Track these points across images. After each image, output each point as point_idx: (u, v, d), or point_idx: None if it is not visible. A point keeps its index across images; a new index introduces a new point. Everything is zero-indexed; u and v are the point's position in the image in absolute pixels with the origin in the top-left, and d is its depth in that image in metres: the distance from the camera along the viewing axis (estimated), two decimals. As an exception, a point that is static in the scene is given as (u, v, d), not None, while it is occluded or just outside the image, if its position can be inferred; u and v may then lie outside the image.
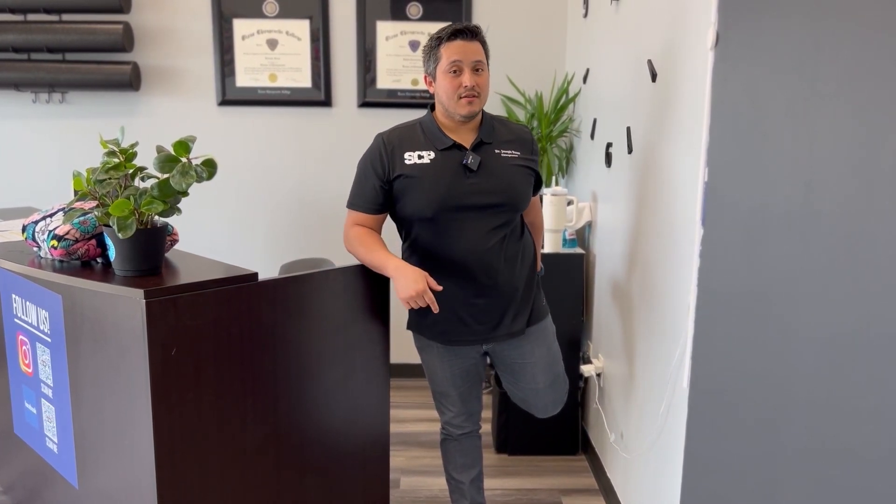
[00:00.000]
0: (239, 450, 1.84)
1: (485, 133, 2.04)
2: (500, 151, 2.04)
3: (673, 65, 2.06)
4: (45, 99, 3.63)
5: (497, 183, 2.00)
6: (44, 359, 2.09)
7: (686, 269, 1.94)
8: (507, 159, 2.04)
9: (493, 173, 2.00)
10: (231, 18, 3.56)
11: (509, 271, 2.07)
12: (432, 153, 2.00)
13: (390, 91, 3.65)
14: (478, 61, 1.95)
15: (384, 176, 2.01)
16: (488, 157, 2.02)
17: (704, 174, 1.73)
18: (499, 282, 2.05)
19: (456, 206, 1.98)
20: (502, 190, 2.00)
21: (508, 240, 2.06)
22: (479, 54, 1.96)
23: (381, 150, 2.01)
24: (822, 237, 1.22)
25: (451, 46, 1.94)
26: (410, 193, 1.99)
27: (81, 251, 1.89)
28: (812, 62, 1.25)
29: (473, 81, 1.94)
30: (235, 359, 1.80)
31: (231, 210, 3.76)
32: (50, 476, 2.21)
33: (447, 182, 1.97)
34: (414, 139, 2.03)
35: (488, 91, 2.01)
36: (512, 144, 2.07)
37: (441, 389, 2.23)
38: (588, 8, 3.19)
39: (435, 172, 1.98)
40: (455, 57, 1.93)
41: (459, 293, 2.04)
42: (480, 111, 2.03)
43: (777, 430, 1.37)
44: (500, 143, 2.05)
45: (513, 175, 2.03)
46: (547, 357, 2.21)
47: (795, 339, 1.31)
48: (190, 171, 1.68)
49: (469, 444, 2.31)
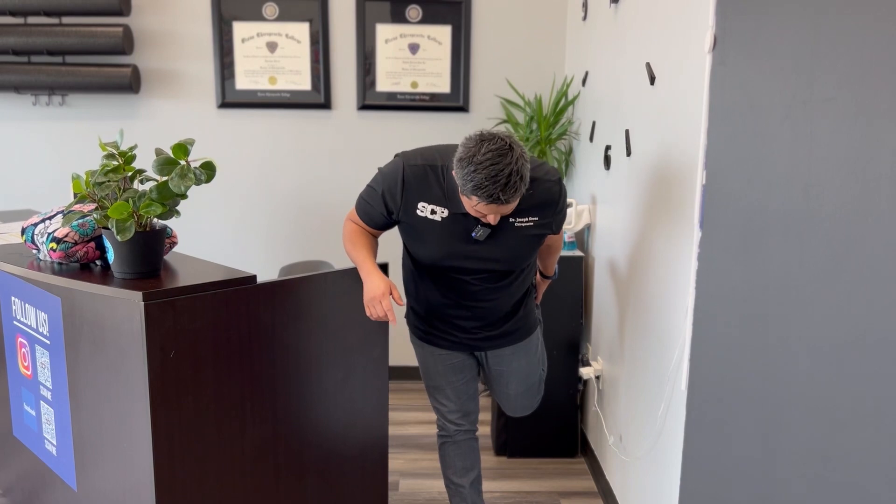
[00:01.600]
0: (237, 452, 1.84)
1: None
2: (515, 220, 1.92)
3: (671, 68, 2.07)
4: (45, 101, 3.63)
5: (499, 252, 1.95)
6: (43, 361, 2.09)
7: (684, 272, 1.94)
8: (519, 229, 1.94)
9: (498, 243, 1.94)
10: (231, 21, 3.57)
11: (497, 303, 2.10)
12: (445, 212, 1.91)
13: (390, 94, 3.65)
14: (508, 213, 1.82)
15: (392, 213, 1.96)
16: (499, 227, 1.92)
17: (703, 177, 1.73)
18: (484, 310, 2.10)
19: (452, 265, 1.98)
20: (503, 258, 1.97)
21: (500, 283, 2.06)
22: (511, 208, 1.79)
23: (399, 187, 1.91)
24: (821, 239, 1.22)
25: (483, 201, 1.73)
26: (413, 240, 1.99)
27: (80, 253, 1.89)
28: (809, 65, 1.26)
29: (497, 219, 1.83)
30: (234, 361, 1.80)
31: (230, 212, 3.77)
32: (49, 478, 2.21)
33: (449, 245, 1.94)
34: (433, 189, 1.90)
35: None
36: (532, 211, 1.93)
37: (434, 383, 2.25)
38: (587, 11, 3.20)
39: (441, 234, 1.93)
40: (483, 211, 1.78)
41: (445, 309, 2.11)
42: None
43: (775, 433, 1.38)
44: (520, 212, 1.91)
45: (520, 244, 1.96)
46: (525, 369, 2.26)
47: (793, 341, 1.31)
48: (189, 174, 1.68)
49: (467, 446, 2.31)
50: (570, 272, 2.95)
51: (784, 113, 1.34)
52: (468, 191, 1.73)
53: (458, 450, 2.31)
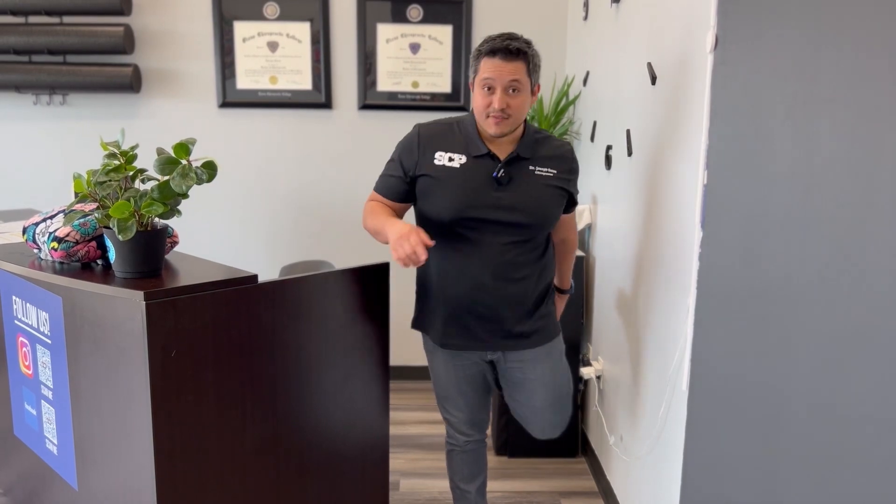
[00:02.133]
0: (238, 452, 1.84)
1: (523, 147, 1.96)
2: (535, 168, 1.96)
3: (673, 68, 2.06)
4: (46, 101, 3.63)
5: (524, 201, 1.93)
6: (44, 360, 2.09)
7: (685, 272, 1.94)
8: (540, 177, 1.96)
9: (522, 190, 1.94)
10: (232, 21, 3.57)
11: (520, 286, 2.01)
12: (464, 158, 1.95)
13: (391, 94, 3.65)
14: (514, 81, 1.84)
15: (410, 171, 1.98)
16: (521, 173, 1.95)
17: (704, 177, 1.73)
18: (508, 293, 2.00)
19: (476, 217, 1.93)
20: (528, 209, 1.94)
21: (526, 256, 2.00)
22: (517, 74, 1.84)
23: (415, 143, 1.98)
24: (822, 240, 1.22)
25: (488, 63, 1.84)
26: (434, 194, 1.96)
27: (81, 253, 1.89)
28: (811, 65, 1.26)
29: (504, 103, 1.85)
30: (235, 361, 1.80)
31: (231, 212, 3.77)
32: (49, 477, 2.21)
33: (472, 190, 1.92)
34: (450, 139, 1.97)
35: (525, 112, 1.91)
36: (550, 162, 1.98)
37: (445, 394, 2.18)
38: (588, 11, 3.20)
39: (462, 178, 1.93)
40: (488, 74, 1.84)
41: (466, 298, 2.01)
42: (520, 126, 1.95)
43: (777, 433, 1.37)
44: (538, 160, 1.97)
45: (543, 194, 1.96)
46: (549, 377, 2.13)
47: (795, 340, 1.31)
48: (190, 174, 1.68)
49: (475, 454, 2.28)
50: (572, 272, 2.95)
51: (785, 113, 1.34)
52: (476, 57, 1.89)
53: (467, 458, 2.28)
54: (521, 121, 1.92)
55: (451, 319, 2.05)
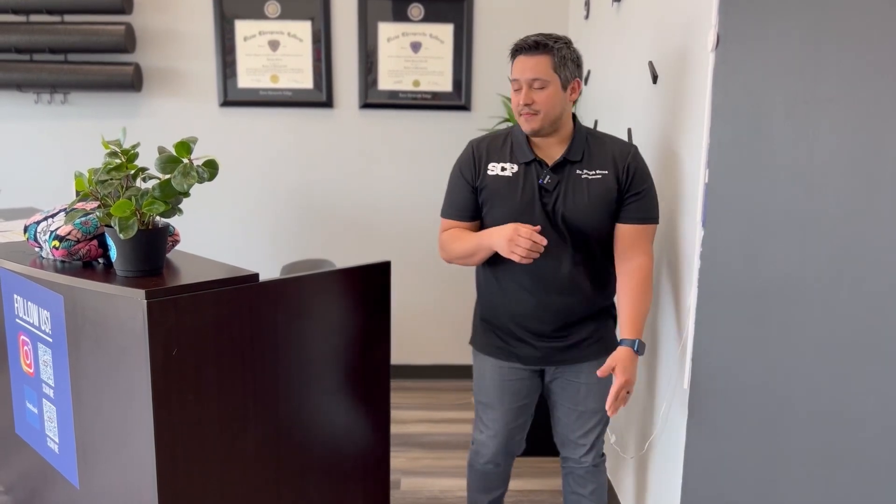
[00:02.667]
0: (239, 450, 1.84)
1: (572, 150, 1.91)
2: (584, 172, 1.90)
3: (674, 66, 2.06)
4: (48, 100, 3.63)
5: (569, 206, 1.89)
6: (45, 359, 2.09)
7: (686, 270, 1.94)
8: (587, 181, 1.90)
9: (568, 195, 1.90)
10: (233, 20, 3.57)
11: (572, 300, 1.95)
12: (515, 166, 1.93)
13: (392, 92, 3.65)
14: (535, 79, 1.84)
15: (473, 181, 1.97)
16: (568, 178, 1.90)
17: (705, 175, 1.73)
18: (565, 302, 1.95)
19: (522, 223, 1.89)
20: (572, 214, 1.89)
21: (578, 269, 1.93)
22: (539, 70, 1.83)
23: (472, 156, 1.98)
24: (823, 238, 1.22)
25: (515, 63, 1.88)
26: (491, 205, 1.95)
27: (83, 252, 1.89)
28: (812, 64, 1.26)
29: (529, 99, 1.85)
30: (236, 359, 1.80)
31: (232, 211, 3.77)
32: (51, 476, 2.21)
33: (521, 199, 1.91)
34: (501, 149, 1.97)
35: (556, 106, 1.86)
36: (600, 164, 1.91)
37: (485, 400, 2.09)
38: (589, 10, 3.19)
39: (512, 188, 1.92)
40: (515, 75, 1.87)
41: (520, 309, 1.98)
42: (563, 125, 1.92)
43: (777, 431, 1.37)
44: (588, 163, 1.91)
45: (590, 196, 1.89)
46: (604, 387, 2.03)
47: (796, 339, 1.31)
48: (191, 172, 1.68)
49: (496, 475, 2.20)
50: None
51: (787, 112, 1.33)
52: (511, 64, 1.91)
53: (486, 477, 2.20)
54: (553, 116, 1.87)
55: (500, 330, 2.03)
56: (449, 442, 3.21)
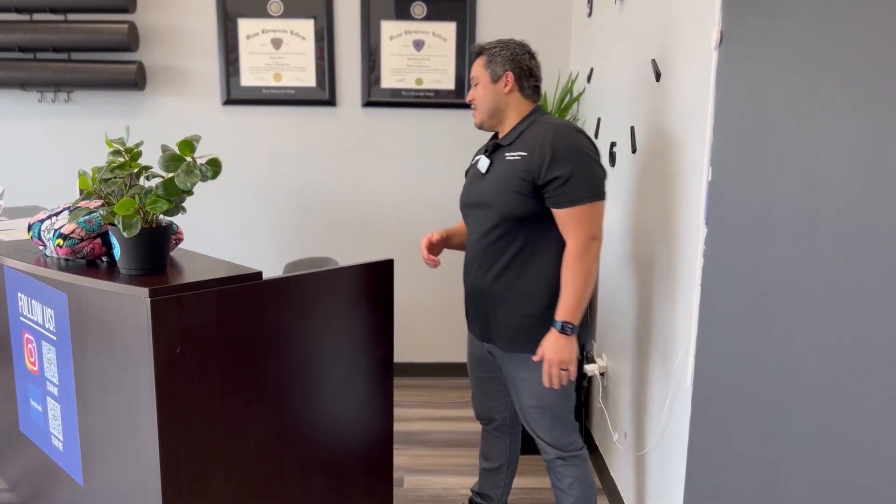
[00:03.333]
0: (243, 448, 1.85)
1: (506, 136, 2.07)
2: (507, 154, 2.03)
3: (677, 64, 2.06)
4: (51, 98, 3.64)
5: (490, 185, 2.03)
6: (49, 357, 2.10)
7: (690, 269, 1.94)
8: (508, 162, 2.00)
9: (494, 176, 2.04)
10: (236, 18, 3.57)
11: (498, 281, 2.03)
12: (479, 157, 2.18)
13: (394, 91, 3.65)
14: (472, 78, 2.11)
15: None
16: (498, 161, 2.06)
17: (708, 174, 1.72)
18: (486, 286, 2.07)
19: (465, 202, 2.15)
20: (490, 191, 2.02)
21: (498, 248, 2.02)
22: (475, 71, 2.10)
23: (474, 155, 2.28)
24: (826, 237, 1.22)
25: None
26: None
27: (87, 250, 1.90)
28: (816, 62, 1.25)
29: (470, 97, 2.12)
30: (239, 357, 1.80)
31: (235, 209, 3.77)
32: (55, 474, 2.22)
33: (469, 182, 2.16)
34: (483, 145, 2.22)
35: (486, 99, 2.07)
36: (523, 145, 1.99)
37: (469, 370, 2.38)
38: (592, 7, 3.19)
39: (471, 173, 2.19)
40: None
41: (466, 286, 2.19)
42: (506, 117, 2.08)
43: (781, 430, 1.37)
44: (516, 145, 2.02)
45: (504, 178, 1.99)
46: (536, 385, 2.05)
47: (799, 338, 1.31)
48: (195, 171, 1.69)
49: (492, 438, 2.41)
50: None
51: (790, 110, 1.33)
52: None
53: (485, 436, 2.43)
54: (489, 109, 2.08)
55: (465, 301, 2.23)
56: (452, 440, 3.21)
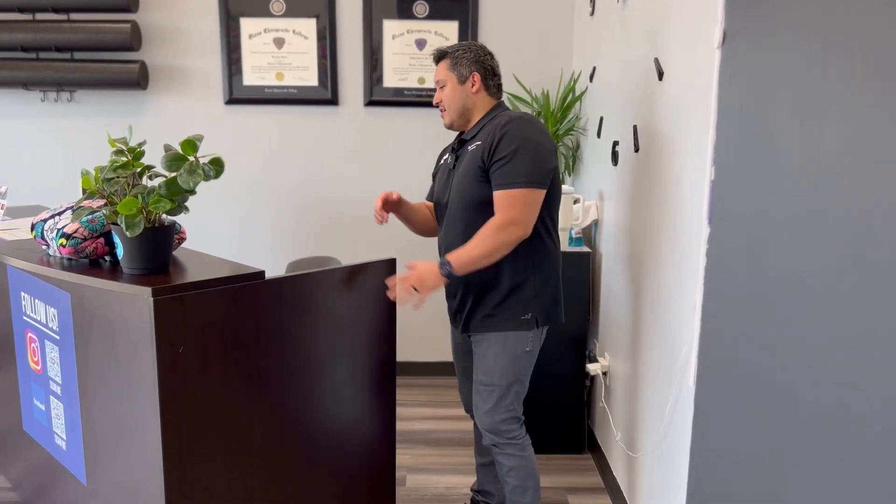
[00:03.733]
0: (245, 447, 1.85)
1: (469, 132, 2.16)
2: (470, 146, 2.11)
3: (680, 63, 2.06)
4: (54, 98, 3.65)
5: (457, 178, 2.12)
6: (52, 356, 2.10)
7: (692, 268, 1.94)
8: (470, 152, 2.09)
9: (459, 169, 2.13)
10: (238, 17, 3.57)
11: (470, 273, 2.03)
12: (447, 154, 2.26)
13: (397, 90, 3.65)
14: (437, 81, 2.17)
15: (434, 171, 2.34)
16: (463, 155, 2.14)
17: (711, 173, 1.72)
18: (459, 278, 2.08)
19: (438, 200, 2.22)
20: (456, 184, 2.11)
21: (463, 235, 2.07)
22: (440, 73, 2.16)
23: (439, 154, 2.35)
24: (829, 235, 1.22)
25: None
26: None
27: (90, 249, 1.90)
28: (819, 60, 1.25)
29: (437, 98, 2.18)
30: (242, 356, 1.80)
31: (238, 208, 3.78)
32: (58, 472, 2.22)
33: (441, 179, 2.22)
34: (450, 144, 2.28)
35: (455, 100, 2.14)
36: (482, 136, 2.08)
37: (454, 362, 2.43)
38: (595, 6, 3.19)
39: (440, 171, 2.26)
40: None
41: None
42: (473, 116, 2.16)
43: (783, 429, 1.37)
44: (476, 138, 2.11)
45: (465, 167, 2.09)
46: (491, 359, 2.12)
47: (802, 337, 1.31)
48: (197, 170, 1.69)
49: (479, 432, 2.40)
50: (578, 268, 2.95)
51: (793, 108, 1.33)
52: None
53: (476, 430, 2.47)
54: (457, 109, 2.15)
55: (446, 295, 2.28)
56: (454, 439, 3.21)
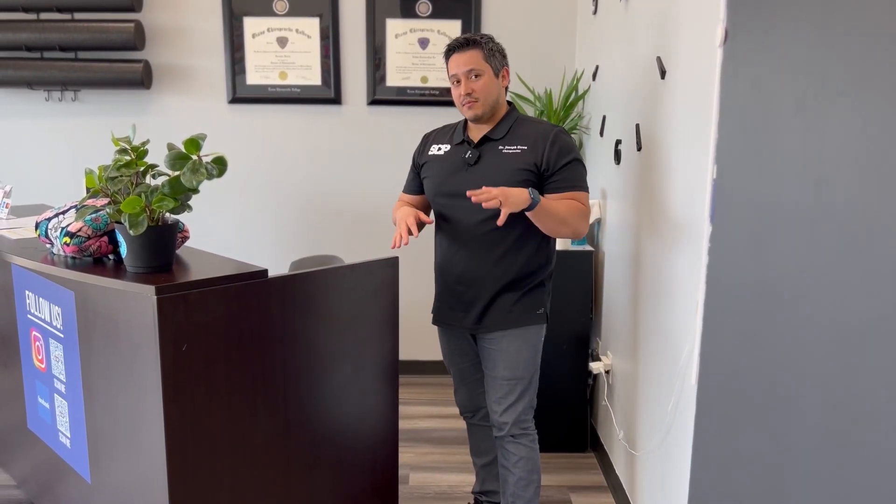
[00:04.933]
0: (249, 445, 1.86)
1: (496, 130, 2.13)
2: (504, 148, 2.10)
3: (682, 62, 2.06)
4: (58, 97, 3.66)
5: (489, 177, 2.07)
6: (57, 354, 2.11)
7: (695, 266, 1.94)
8: (507, 156, 2.08)
9: (489, 168, 2.10)
10: (241, 17, 3.58)
11: (492, 267, 2.11)
12: (448, 146, 2.20)
13: (399, 89, 3.66)
14: (470, 70, 2.07)
15: (417, 161, 2.29)
16: (490, 153, 2.11)
17: (713, 171, 1.72)
18: (479, 274, 2.12)
19: (450, 192, 2.14)
20: (490, 181, 2.05)
21: (501, 235, 2.07)
22: (473, 62, 2.07)
23: (421, 142, 2.30)
24: (831, 234, 1.22)
25: (450, 62, 2.11)
26: (426, 178, 2.23)
27: (93, 248, 1.91)
28: (821, 59, 1.25)
29: (469, 88, 2.08)
30: (245, 355, 1.81)
31: (241, 207, 3.78)
32: (62, 470, 2.23)
33: (448, 171, 2.16)
34: (446, 134, 2.25)
35: (492, 92, 2.10)
36: (521, 141, 2.10)
37: (447, 364, 2.37)
38: (597, 5, 3.19)
39: (441, 163, 2.19)
40: (452, 71, 2.10)
41: (449, 277, 2.19)
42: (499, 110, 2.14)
43: (786, 427, 1.37)
44: (510, 139, 2.11)
45: (506, 171, 2.07)
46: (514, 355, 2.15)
47: (804, 335, 1.31)
48: (200, 169, 1.69)
49: (480, 433, 2.44)
50: (580, 267, 2.95)
51: (795, 107, 1.33)
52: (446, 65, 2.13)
53: (472, 431, 2.46)
54: (491, 102, 2.10)
55: (440, 296, 2.25)
56: (457, 437, 3.22)
